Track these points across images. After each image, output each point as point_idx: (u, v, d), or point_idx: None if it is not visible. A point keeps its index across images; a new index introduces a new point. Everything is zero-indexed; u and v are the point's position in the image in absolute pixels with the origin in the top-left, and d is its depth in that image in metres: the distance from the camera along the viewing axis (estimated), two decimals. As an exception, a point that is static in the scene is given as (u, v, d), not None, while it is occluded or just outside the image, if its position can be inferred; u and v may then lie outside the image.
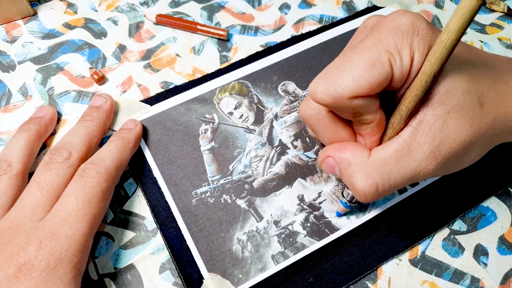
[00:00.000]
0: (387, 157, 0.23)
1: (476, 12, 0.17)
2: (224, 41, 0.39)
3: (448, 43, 0.19)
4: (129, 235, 0.30)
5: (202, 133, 0.34)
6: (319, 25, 0.40)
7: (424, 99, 0.22)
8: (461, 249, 0.30)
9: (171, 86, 0.36)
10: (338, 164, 0.24)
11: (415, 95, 0.21)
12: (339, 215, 0.30)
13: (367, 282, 0.29)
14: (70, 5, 0.40)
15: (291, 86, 0.36)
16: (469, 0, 0.17)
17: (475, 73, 0.23)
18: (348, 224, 0.30)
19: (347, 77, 0.20)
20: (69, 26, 0.39)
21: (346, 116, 0.23)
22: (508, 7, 0.42)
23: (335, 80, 0.21)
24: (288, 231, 0.30)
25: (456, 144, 0.22)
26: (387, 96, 0.23)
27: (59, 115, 0.34)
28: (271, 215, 0.30)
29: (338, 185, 0.32)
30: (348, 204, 0.29)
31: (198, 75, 0.37)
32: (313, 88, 0.21)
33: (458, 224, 0.31)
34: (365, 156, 0.23)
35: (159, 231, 0.30)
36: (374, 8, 0.41)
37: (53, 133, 0.33)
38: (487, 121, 0.23)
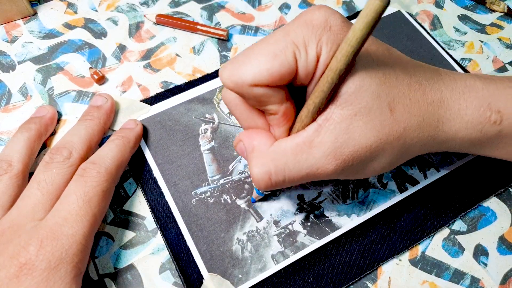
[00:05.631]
0: (287, 149, 0.23)
1: (381, 12, 0.17)
2: (224, 41, 0.39)
3: (353, 41, 0.19)
4: (129, 235, 0.30)
5: (202, 133, 0.34)
6: (319, 25, 0.40)
7: (332, 96, 0.22)
8: (461, 249, 0.30)
9: (171, 86, 0.36)
10: (246, 149, 0.24)
11: (321, 91, 0.21)
12: (254, 201, 0.31)
13: (367, 282, 0.29)
14: (70, 5, 0.40)
15: (291, 86, 0.36)
16: (374, 0, 0.17)
17: (389, 77, 0.22)
18: (349, 222, 0.30)
19: (249, 64, 0.21)
20: (69, 26, 0.39)
21: (252, 104, 0.23)
22: (508, 7, 0.42)
23: (239, 66, 0.21)
24: (288, 231, 0.30)
25: (360, 147, 0.22)
26: (302, 91, 0.23)
27: (59, 115, 0.34)
28: (271, 215, 0.30)
29: (337, 185, 0.32)
30: (261, 191, 0.29)
31: (198, 75, 0.37)
32: (220, 72, 0.22)
33: (458, 224, 0.31)
34: (268, 145, 0.23)
35: (159, 231, 0.30)
36: (374, 8, 0.41)
37: (53, 133, 0.33)
38: (398, 129, 0.22)
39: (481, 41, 0.40)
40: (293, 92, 0.23)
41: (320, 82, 0.21)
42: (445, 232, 0.31)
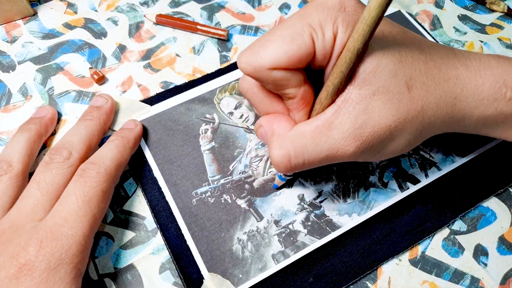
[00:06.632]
0: (305, 132, 0.23)
1: None
2: (224, 41, 0.39)
3: (369, 19, 0.19)
4: (129, 235, 0.30)
5: (202, 133, 0.34)
6: (319, 25, 0.40)
7: (350, 76, 0.22)
8: (461, 249, 0.30)
9: (171, 86, 0.36)
10: (266, 133, 0.25)
11: (340, 71, 0.21)
12: (276, 187, 0.31)
13: (367, 282, 0.29)
14: (70, 5, 0.40)
15: (291, 86, 0.36)
16: None
17: (405, 56, 0.23)
18: (349, 222, 0.30)
19: (267, 48, 0.21)
20: (69, 26, 0.39)
21: (270, 88, 0.23)
22: (508, 7, 0.42)
23: (257, 51, 0.21)
24: (288, 230, 0.30)
25: (380, 128, 0.22)
26: (320, 74, 0.24)
27: (59, 115, 0.34)
28: (271, 215, 0.30)
29: (338, 184, 0.32)
30: (282, 176, 0.30)
31: (198, 75, 0.37)
32: (238, 58, 0.22)
33: (458, 224, 0.31)
34: (288, 129, 0.24)
35: (159, 231, 0.30)
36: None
37: (53, 133, 0.33)
38: (416, 107, 0.22)
39: (481, 41, 0.40)
40: (310, 76, 0.23)
41: (338, 63, 0.21)
42: (445, 232, 0.31)
